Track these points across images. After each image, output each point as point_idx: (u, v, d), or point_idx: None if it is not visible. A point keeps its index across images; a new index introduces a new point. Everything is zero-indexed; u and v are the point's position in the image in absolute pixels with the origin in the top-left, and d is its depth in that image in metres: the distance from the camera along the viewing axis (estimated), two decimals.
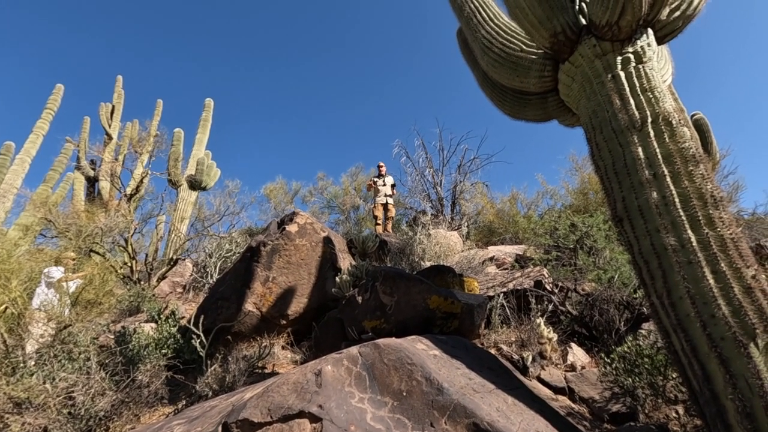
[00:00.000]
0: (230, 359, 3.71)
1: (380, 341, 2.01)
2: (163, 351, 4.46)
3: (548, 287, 3.88)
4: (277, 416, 1.60)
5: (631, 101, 2.28)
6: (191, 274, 9.50)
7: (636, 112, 2.24)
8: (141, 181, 7.90)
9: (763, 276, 1.83)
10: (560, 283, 3.83)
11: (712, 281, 1.79)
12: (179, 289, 9.44)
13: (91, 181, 13.63)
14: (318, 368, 1.83)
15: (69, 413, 2.68)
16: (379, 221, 7.70)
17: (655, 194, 2.04)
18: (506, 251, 6.59)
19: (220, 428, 1.63)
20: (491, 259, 5.72)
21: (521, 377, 2.84)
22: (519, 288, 3.86)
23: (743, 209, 7.54)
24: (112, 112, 13.95)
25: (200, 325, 4.54)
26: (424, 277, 4.01)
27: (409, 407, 1.83)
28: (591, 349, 3.41)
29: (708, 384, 1.74)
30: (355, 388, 1.81)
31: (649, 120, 2.20)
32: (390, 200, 7.92)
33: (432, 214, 12.31)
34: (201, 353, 4.20)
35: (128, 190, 7.72)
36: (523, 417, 1.94)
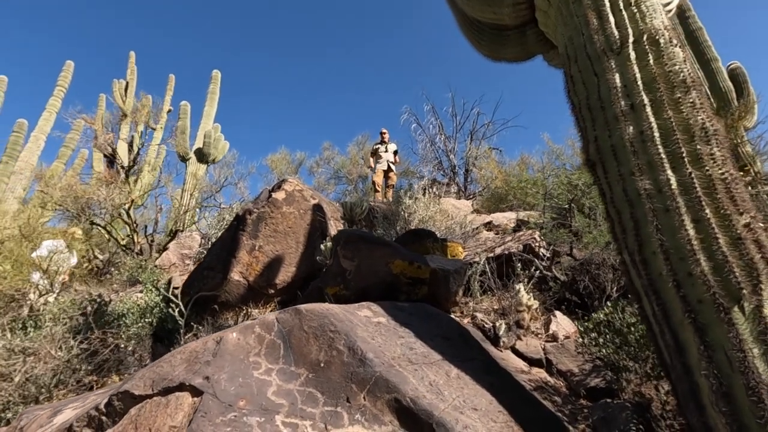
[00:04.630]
0: (201, 328, 3.60)
1: (303, 306, 1.78)
2: (147, 319, 4.44)
3: (540, 251, 3.54)
4: (158, 388, 1.42)
5: (611, 19, 1.87)
6: (199, 246, 9.60)
7: (615, 32, 1.84)
8: (136, 153, 7.86)
9: (761, 225, 1.46)
10: (553, 247, 3.47)
11: (691, 232, 1.44)
12: (187, 261, 9.59)
13: (109, 158, 13.89)
14: (221, 336, 1.62)
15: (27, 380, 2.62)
16: (378, 187, 7.42)
17: (630, 129, 1.67)
18: (510, 217, 6.19)
19: (105, 401, 1.46)
20: (488, 224, 5.36)
21: (490, 348, 2.57)
22: (507, 252, 3.54)
23: None
24: (126, 89, 13.99)
25: (179, 294, 4.47)
26: (402, 243, 3.74)
27: (326, 380, 1.60)
28: (582, 317, 3.09)
29: (680, 356, 1.42)
30: (263, 357, 1.60)
31: (631, 40, 1.80)
32: (392, 167, 7.61)
33: (443, 182, 11.90)
34: (180, 322, 4.14)
35: (126, 163, 7.71)
36: (462, 392, 1.68)
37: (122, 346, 4.19)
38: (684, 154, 1.55)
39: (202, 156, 11.54)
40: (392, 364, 1.67)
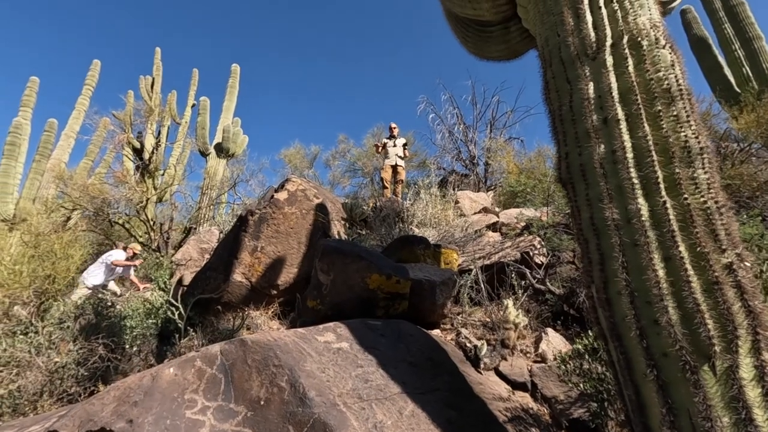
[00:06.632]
0: (194, 334, 3.63)
1: (249, 337, 1.70)
2: (152, 320, 4.54)
3: (538, 259, 3.32)
4: (83, 431, 1.38)
5: (587, 18, 1.65)
6: (217, 241, 9.81)
7: (591, 33, 1.62)
8: (154, 150, 8.03)
9: (748, 264, 1.24)
10: (551, 256, 3.24)
11: (660, 272, 1.24)
12: (206, 255, 9.81)
13: (139, 154, 14.35)
14: (157, 371, 1.57)
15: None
16: (387, 184, 7.24)
17: (601, 148, 1.47)
18: (524, 215, 5.91)
19: None
20: (494, 224, 5.11)
21: (469, 370, 2.43)
22: (504, 261, 3.34)
23: None
24: (152, 85, 14.33)
25: (185, 294, 4.55)
26: (392, 249, 3.61)
27: (263, 419, 1.53)
28: (579, 334, 2.88)
29: (641, 415, 1.24)
30: (201, 395, 1.54)
31: (608, 43, 1.58)
32: (400, 162, 7.41)
33: (462, 174, 11.58)
34: (180, 324, 4.20)
35: (147, 160, 7.89)
36: None
37: (126, 347, 4.30)
38: (659, 179, 1.34)
39: (221, 151, 11.72)
40: (336, 403, 1.57)
